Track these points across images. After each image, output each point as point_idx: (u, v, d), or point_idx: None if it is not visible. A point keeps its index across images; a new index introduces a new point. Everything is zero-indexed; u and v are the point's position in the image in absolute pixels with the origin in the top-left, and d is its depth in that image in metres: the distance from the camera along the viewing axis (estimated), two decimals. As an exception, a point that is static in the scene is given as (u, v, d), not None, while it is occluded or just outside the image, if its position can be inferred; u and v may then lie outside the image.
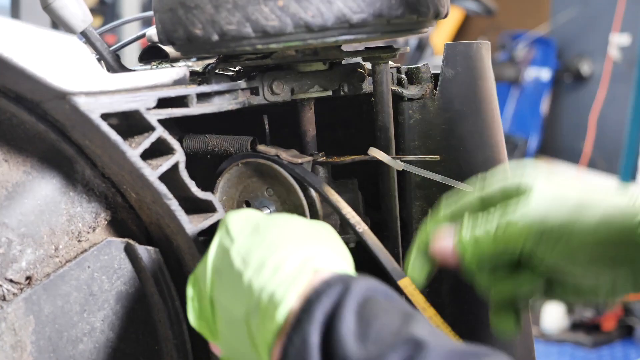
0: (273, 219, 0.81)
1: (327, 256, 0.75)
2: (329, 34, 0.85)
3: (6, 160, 0.88)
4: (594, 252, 0.82)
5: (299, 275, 0.72)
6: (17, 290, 0.87)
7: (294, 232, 0.78)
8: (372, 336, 0.65)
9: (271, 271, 0.73)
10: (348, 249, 0.81)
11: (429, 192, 1.04)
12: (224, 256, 0.78)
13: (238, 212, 0.83)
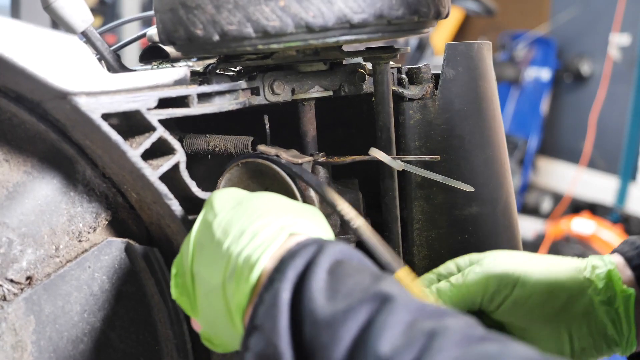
0: (257, 194, 0.82)
1: (305, 224, 0.76)
2: (330, 34, 0.85)
3: (7, 160, 0.88)
4: (546, 301, 0.90)
5: (274, 239, 0.73)
6: (18, 290, 0.87)
7: (276, 204, 0.79)
8: (342, 293, 0.65)
9: (249, 237, 0.74)
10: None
11: (429, 192, 1.04)
12: (206, 230, 0.79)
13: (224, 189, 0.84)
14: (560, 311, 0.90)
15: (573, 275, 0.92)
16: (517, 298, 0.90)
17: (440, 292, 0.92)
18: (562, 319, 0.90)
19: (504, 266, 0.92)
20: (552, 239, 4.37)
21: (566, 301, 0.90)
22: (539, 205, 5.00)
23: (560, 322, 0.90)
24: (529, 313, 0.90)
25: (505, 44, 5.45)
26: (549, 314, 0.90)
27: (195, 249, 0.79)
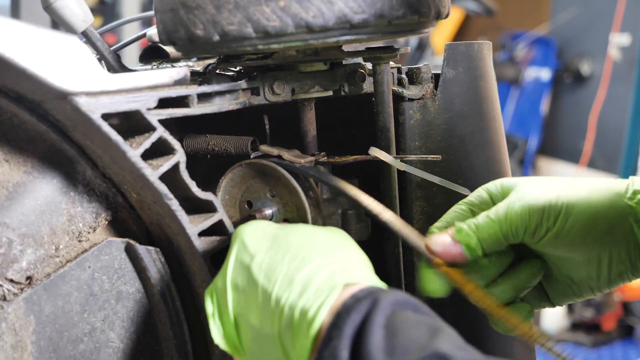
0: (288, 230, 0.82)
1: (351, 267, 0.77)
2: (330, 34, 0.85)
3: (7, 160, 0.88)
4: (588, 231, 0.86)
5: (328, 291, 0.73)
6: (18, 290, 0.87)
7: (314, 244, 0.79)
8: (398, 351, 0.66)
9: (300, 288, 0.75)
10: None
11: (429, 191, 1.04)
12: (244, 272, 0.80)
13: (250, 224, 0.84)
14: (600, 238, 0.87)
15: (614, 201, 0.87)
16: (560, 230, 0.86)
17: (480, 229, 0.87)
18: (602, 245, 0.87)
19: (546, 197, 0.86)
20: (552, 239, 4.36)
21: (607, 228, 0.86)
22: (539, 205, 4.99)
23: (600, 249, 0.87)
24: (570, 243, 0.87)
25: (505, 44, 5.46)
26: (589, 242, 0.87)
27: (234, 291, 0.80)
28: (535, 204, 0.86)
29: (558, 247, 0.87)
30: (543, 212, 0.86)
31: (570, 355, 0.78)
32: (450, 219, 0.91)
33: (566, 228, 0.86)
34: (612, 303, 4.13)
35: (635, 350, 4.13)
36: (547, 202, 0.86)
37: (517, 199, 0.87)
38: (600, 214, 0.86)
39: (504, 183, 0.90)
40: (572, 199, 0.86)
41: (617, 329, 4.23)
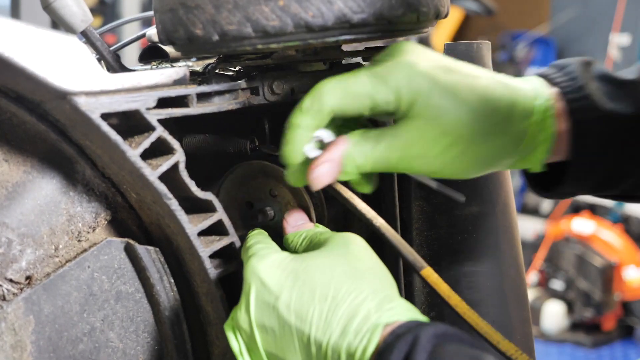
0: (306, 263, 0.81)
1: (383, 302, 0.77)
2: (330, 34, 0.85)
3: (6, 160, 0.88)
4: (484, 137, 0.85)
5: (369, 332, 0.74)
6: (17, 290, 0.87)
7: (338, 278, 0.79)
8: None
9: (340, 330, 0.76)
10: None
11: (429, 192, 1.04)
12: (271, 313, 0.80)
13: (263, 260, 0.83)
14: (494, 138, 0.87)
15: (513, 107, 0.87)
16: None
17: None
18: (495, 146, 0.87)
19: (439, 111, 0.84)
20: (552, 239, 4.37)
21: (502, 131, 0.87)
22: (539, 205, 5.00)
23: (492, 150, 0.87)
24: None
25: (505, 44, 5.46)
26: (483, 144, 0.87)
27: (261, 332, 0.80)
28: (431, 122, 0.84)
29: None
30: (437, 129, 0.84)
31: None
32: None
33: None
34: (612, 303, 4.13)
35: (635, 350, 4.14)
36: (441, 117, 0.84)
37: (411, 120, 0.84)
38: (497, 125, 0.86)
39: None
40: (468, 106, 0.84)
41: (617, 329, 4.23)
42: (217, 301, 0.91)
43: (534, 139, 0.87)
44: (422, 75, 0.83)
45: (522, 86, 0.88)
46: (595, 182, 0.91)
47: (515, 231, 1.10)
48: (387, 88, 0.82)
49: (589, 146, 0.88)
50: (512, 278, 1.09)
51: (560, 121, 0.88)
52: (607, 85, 0.89)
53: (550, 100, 0.88)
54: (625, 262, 4.11)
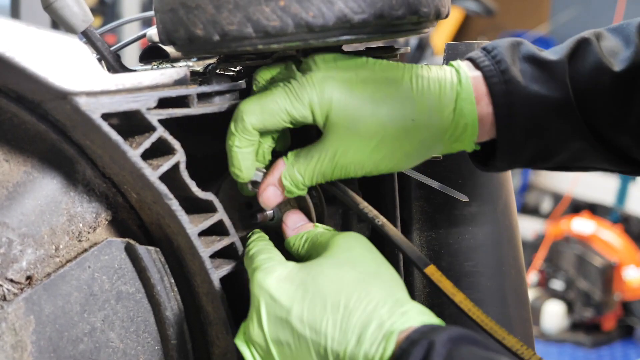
0: (313, 273, 0.82)
1: (395, 308, 0.78)
2: (330, 34, 0.85)
3: (7, 160, 0.88)
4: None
5: (384, 339, 0.75)
6: (18, 290, 0.87)
7: (347, 286, 0.80)
8: None
9: (355, 339, 0.76)
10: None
11: (429, 192, 1.04)
12: (284, 326, 0.80)
13: (270, 274, 0.84)
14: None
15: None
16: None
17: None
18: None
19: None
20: (552, 239, 4.37)
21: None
22: (539, 205, 5.00)
23: (420, 142, 0.90)
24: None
25: (505, 44, 5.43)
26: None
27: (276, 346, 0.81)
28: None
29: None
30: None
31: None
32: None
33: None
34: (612, 303, 4.13)
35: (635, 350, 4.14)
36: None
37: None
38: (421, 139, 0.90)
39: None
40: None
41: (617, 329, 4.23)
42: (217, 301, 0.91)
43: (457, 126, 0.90)
44: (335, 87, 0.86)
45: (443, 76, 0.90)
46: (526, 159, 0.93)
47: (516, 231, 1.11)
48: (301, 104, 0.86)
49: (513, 128, 0.90)
50: (512, 278, 1.09)
51: (483, 105, 0.90)
52: (532, 67, 0.91)
53: (469, 87, 0.89)
54: (625, 262, 4.11)
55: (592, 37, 0.93)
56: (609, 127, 0.91)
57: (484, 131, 0.91)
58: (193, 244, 0.88)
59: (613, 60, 0.90)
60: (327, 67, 0.88)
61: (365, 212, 0.90)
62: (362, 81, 0.87)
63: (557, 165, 0.96)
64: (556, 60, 0.91)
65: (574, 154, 0.93)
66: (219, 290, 0.90)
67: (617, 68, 0.89)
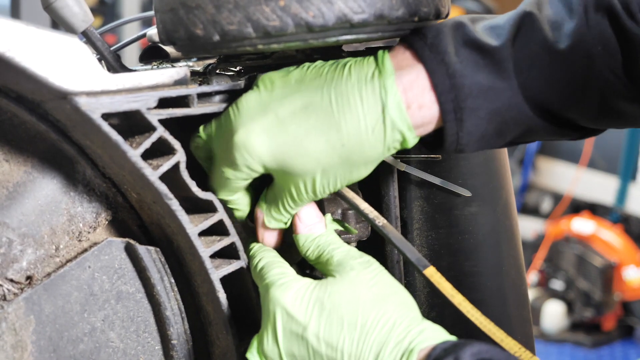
0: (329, 291, 0.83)
1: (412, 327, 0.78)
2: (330, 34, 0.85)
3: (7, 160, 0.88)
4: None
5: (405, 357, 0.76)
6: (18, 290, 0.87)
7: (363, 306, 0.81)
8: None
9: (373, 358, 0.77)
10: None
11: (429, 191, 1.04)
12: (300, 343, 0.81)
13: (286, 290, 0.84)
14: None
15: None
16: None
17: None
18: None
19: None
20: (552, 239, 4.37)
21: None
22: (539, 205, 5.00)
23: (366, 159, 0.88)
24: None
25: (505, 44, 5.44)
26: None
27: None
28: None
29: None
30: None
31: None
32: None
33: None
34: (612, 303, 4.13)
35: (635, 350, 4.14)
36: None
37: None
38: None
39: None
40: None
41: (617, 329, 4.23)
42: (217, 301, 0.91)
43: (393, 137, 0.86)
44: (259, 142, 0.86)
45: (364, 84, 0.85)
46: (475, 146, 0.89)
47: (516, 231, 1.10)
48: (240, 171, 0.88)
49: (459, 121, 0.87)
50: (512, 278, 1.09)
51: (425, 101, 0.85)
52: (475, 54, 0.86)
53: (395, 93, 0.84)
54: (625, 262, 4.11)
55: (535, 9, 0.88)
56: (558, 107, 0.88)
57: (428, 127, 0.87)
58: (193, 244, 0.88)
59: (557, 34, 0.85)
60: (248, 117, 0.86)
61: (366, 213, 0.90)
62: (282, 121, 0.85)
63: (512, 142, 0.93)
64: (498, 47, 0.86)
65: (521, 133, 0.90)
66: (219, 290, 0.90)
67: (562, 45, 0.85)
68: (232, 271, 0.91)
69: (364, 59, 0.87)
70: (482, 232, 1.06)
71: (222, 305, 0.91)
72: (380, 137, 0.85)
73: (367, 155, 0.86)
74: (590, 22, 0.84)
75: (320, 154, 0.85)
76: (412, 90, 0.85)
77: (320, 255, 0.89)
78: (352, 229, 0.96)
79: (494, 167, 1.07)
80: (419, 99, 0.86)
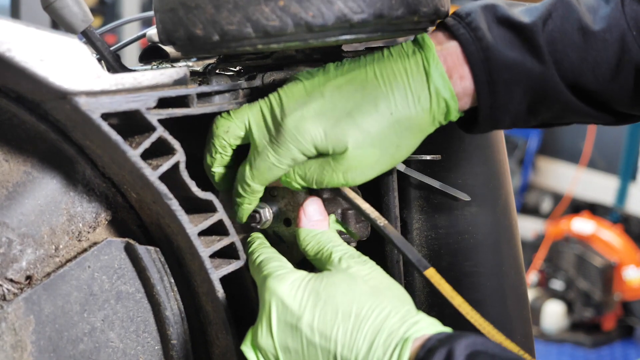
0: (325, 282, 0.83)
1: (406, 317, 0.78)
2: (330, 34, 0.85)
3: (7, 160, 0.88)
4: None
5: (398, 347, 0.75)
6: (18, 290, 0.87)
7: (359, 297, 0.81)
8: None
9: (367, 347, 0.77)
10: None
11: (429, 192, 1.04)
12: (294, 333, 0.81)
13: (283, 281, 0.84)
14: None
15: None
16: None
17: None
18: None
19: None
20: (552, 239, 4.37)
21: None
22: (539, 205, 5.00)
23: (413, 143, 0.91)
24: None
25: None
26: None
27: (284, 352, 0.81)
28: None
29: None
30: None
31: None
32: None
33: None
34: (612, 303, 4.13)
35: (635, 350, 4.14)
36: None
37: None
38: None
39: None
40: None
41: (617, 329, 4.23)
42: (217, 301, 0.91)
43: (438, 105, 0.88)
44: (310, 126, 0.87)
45: (407, 58, 0.88)
46: (508, 122, 0.93)
47: (516, 231, 1.10)
48: (291, 157, 0.88)
49: (493, 95, 0.90)
50: (512, 278, 1.09)
51: (461, 75, 0.89)
52: (507, 31, 0.89)
53: (437, 64, 0.87)
54: (625, 262, 4.11)
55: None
56: (590, 86, 0.90)
57: (466, 100, 0.90)
58: (193, 244, 0.88)
59: (592, 17, 0.89)
60: (295, 104, 0.87)
61: (367, 214, 0.90)
62: (330, 100, 0.87)
63: (540, 124, 0.95)
64: (530, 24, 0.89)
65: (556, 113, 0.93)
66: (219, 290, 0.90)
67: (597, 27, 0.88)
68: (231, 271, 0.91)
69: (403, 43, 0.91)
70: (482, 232, 1.06)
71: (222, 305, 0.91)
72: (427, 106, 0.88)
73: (415, 124, 0.88)
74: (626, 8, 0.88)
75: (370, 125, 0.87)
76: (452, 62, 0.89)
77: (319, 251, 0.89)
78: (355, 234, 0.96)
79: (494, 168, 1.07)
80: (460, 70, 0.89)
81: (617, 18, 0.88)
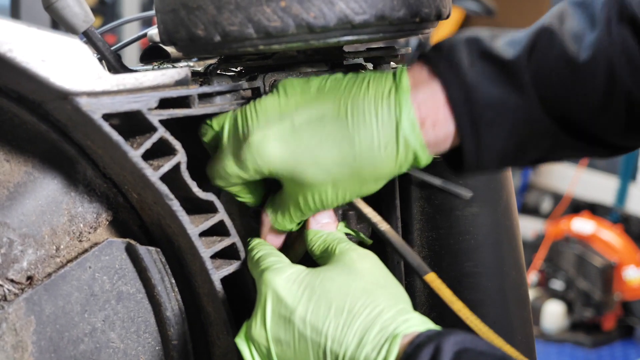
0: (321, 277, 0.82)
1: (398, 313, 0.78)
2: (331, 34, 0.85)
3: (8, 160, 0.88)
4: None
5: (387, 342, 0.75)
6: (18, 290, 0.87)
7: (353, 292, 0.80)
8: None
9: (356, 342, 0.77)
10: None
11: (429, 192, 1.04)
12: (287, 326, 0.81)
13: (279, 274, 0.84)
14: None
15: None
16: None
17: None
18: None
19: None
20: (552, 239, 4.37)
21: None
22: (539, 205, 5.00)
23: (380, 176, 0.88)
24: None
25: (505, 44, 5.43)
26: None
27: (276, 345, 0.81)
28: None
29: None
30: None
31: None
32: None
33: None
34: (612, 303, 4.13)
35: (635, 350, 4.14)
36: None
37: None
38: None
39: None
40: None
41: (617, 329, 4.23)
42: (218, 302, 0.91)
43: (406, 156, 0.85)
44: (272, 147, 0.85)
45: (380, 101, 0.84)
46: (497, 163, 0.88)
47: (517, 231, 1.10)
48: (247, 171, 0.87)
49: (477, 136, 0.85)
50: (513, 278, 1.09)
51: (440, 117, 0.85)
52: (490, 67, 0.85)
53: (410, 112, 0.83)
54: (625, 262, 4.11)
55: (556, 22, 0.86)
56: (580, 120, 0.86)
57: (447, 142, 0.87)
58: (194, 245, 0.88)
59: (577, 46, 0.84)
60: (265, 121, 0.86)
61: (369, 217, 0.90)
62: (297, 129, 0.85)
63: (532, 162, 0.92)
64: (514, 60, 0.84)
65: (546, 150, 0.89)
66: (220, 290, 0.90)
67: (583, 56, 0.83)
68: (232, 271, 0.91)
69: (383, 75, 0.86)
70: (483, 233, 1.06)
71: (223, 305, 0.91)
72: (393, 155, 0.84)
73: (379, 171, 0.86)
74: (613, 32, 0.83)
75: (331, 166, 0.85)
76: (426, 107, 0.85)
77: (325, 249, 0.89)
78: (367, 239, 0.96)
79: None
80: (433, 116, 0.85)
81: (604, 45, 0.82)
